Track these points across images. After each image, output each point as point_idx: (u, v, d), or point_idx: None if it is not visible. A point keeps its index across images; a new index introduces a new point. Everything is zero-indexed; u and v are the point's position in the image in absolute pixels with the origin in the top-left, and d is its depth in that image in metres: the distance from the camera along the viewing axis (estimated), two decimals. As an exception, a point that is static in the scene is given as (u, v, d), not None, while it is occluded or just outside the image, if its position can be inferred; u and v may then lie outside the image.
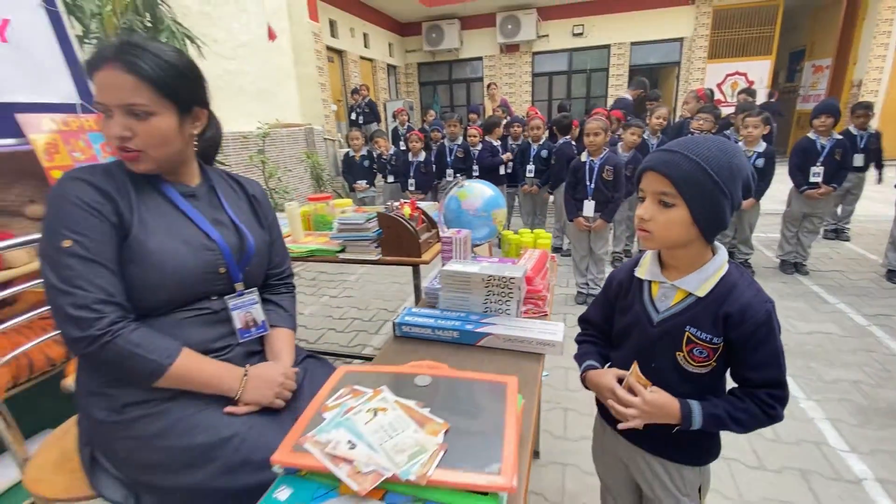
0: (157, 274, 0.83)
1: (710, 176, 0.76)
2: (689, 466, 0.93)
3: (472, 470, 0.56)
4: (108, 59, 0.79)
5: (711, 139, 0.81)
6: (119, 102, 0.80)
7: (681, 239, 0.81)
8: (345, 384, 0.74)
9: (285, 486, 0.59)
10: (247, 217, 1.04)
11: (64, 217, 0.79)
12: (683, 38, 9.49)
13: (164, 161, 0.88)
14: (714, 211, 0.78)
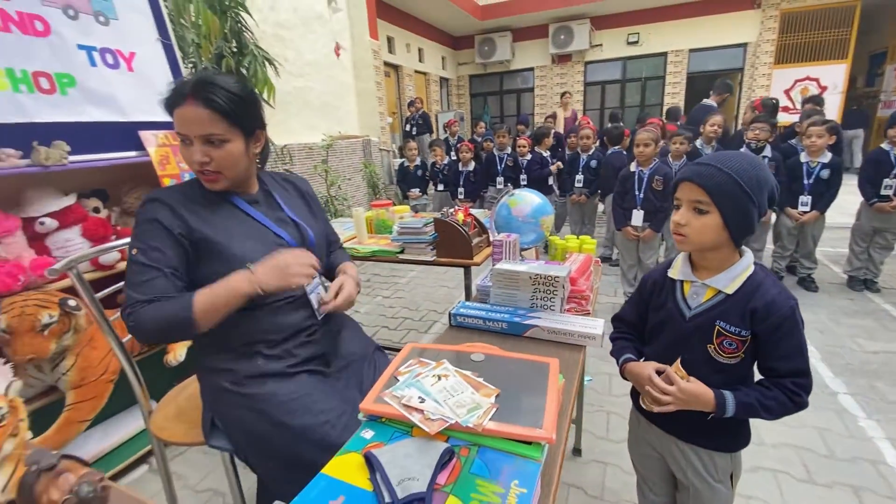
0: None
1: (740, 186, 0.86)
2: (720, 453, 1.00)
3: (519, 424, 0.69)
4: (186, 95, 0.93)
5: (740, 154, 0.91)
6: (199, 133, 0.94)
7: (713, 242, 0.90)
8: (412, 357, 0.90)
9: (369, 429, 0.74)
10: (303, 212, 1.19)
11: (138, 230, 0.96)
12: (747, 43, 9.10)
13: (235, 178, 1.03)
14: (744, 217, 0.88)
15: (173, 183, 1.95)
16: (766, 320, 0.89)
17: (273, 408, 0.97)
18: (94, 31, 1.79)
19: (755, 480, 1.68)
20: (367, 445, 0.70)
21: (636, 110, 10.02)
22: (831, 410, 2.04)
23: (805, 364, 0.90)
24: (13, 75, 1.56)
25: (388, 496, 0.60)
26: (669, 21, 9.47)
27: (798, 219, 3.24)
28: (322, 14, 5.67)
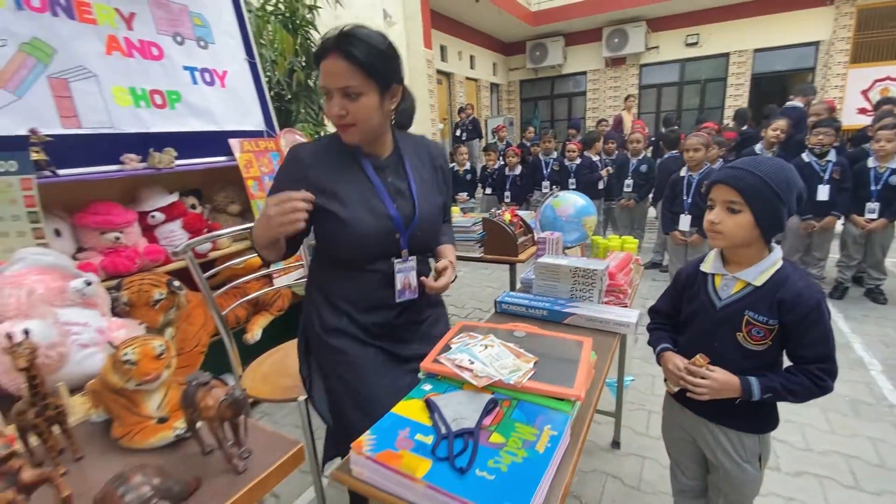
0: (346, 236, 1.04)
1: (770, 188, 0.94)
2: (748, 434, 1.07)
3: (552, 384, 0.82)
4: (329, 49, 0.95)
5: (769, 158, 0.99)
6: (338, 85, 0.96)
7: (745, 239, 0.99)
8: (463, 332, 1.05)
9: (428, 383, 0.90)
10: (428, 185, 1.17)
11: (277, 175, 1.10)
12: (819, 41, 8.56)
13: (370, 133, 1.04)
14: (774, 216, 0.96)
15: (255, 185, 2.23)
16: (793, 311, 0.96)
17: (339, 363, 1.12)
18: (196, 54, 2.10)
19: (799, 484, 1.68)
20: (426, 395, 0.86)
21: (694, 113, 9.67)
22: (888, 423, 1.97)
23: (830, 351, 0.97)
24: (135, 93, 1.88)
25: (445, 429, 0.75)
26: (732, 20, 9.10)
27: (865, 226, 3.09)
28: (380, 26, 6.00)
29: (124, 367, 0.76)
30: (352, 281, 1.12)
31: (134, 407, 0.80)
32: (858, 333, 2.78)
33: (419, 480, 0.66)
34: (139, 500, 0.60)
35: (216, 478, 0.72)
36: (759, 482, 1.11)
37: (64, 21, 1.68)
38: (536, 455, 0.70)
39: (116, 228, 1.81)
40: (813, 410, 2.08)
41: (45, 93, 1.62)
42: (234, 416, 0.69)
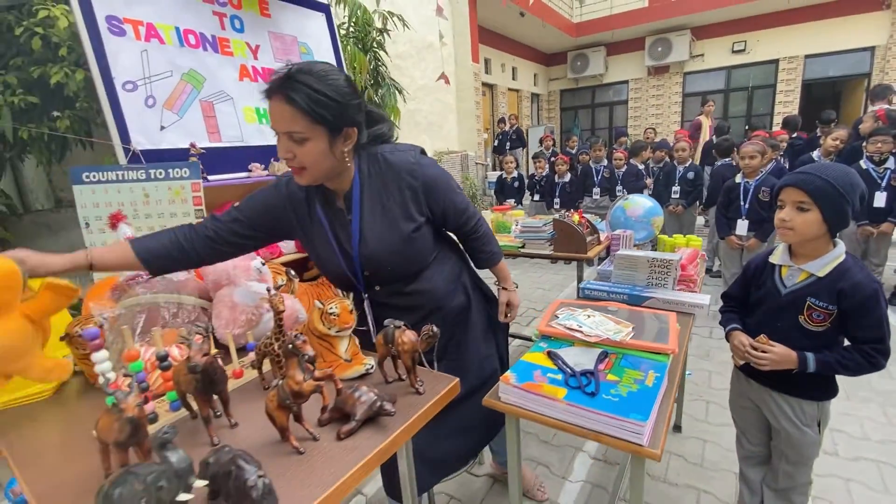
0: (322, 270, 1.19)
1: (837, 189, 1.12)
2: (808, 401, 1.24)
3: (650, 342, 1.04)
4: (273, 91, 0.93)
5: (834, 164, 1.18)
6: (282, 129, 0.95)
7: (813, 234, 1.17)
8: (563, 307, 1.28)
9: (543, 342, 1.14)
10: (391, 213, 1.10)
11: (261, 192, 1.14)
12: (875, 46, 8.31)
13: (322, 175, 1.02)
14: (841, 213, 1.13)
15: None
16: (852, 298, 1.12)
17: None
18: (302, 78, 2.45)
19: (857, 468, 1.79)
20: (545, 350, 1.10)
21: (741, 121, 9.55)
22: (938, 425, 2.04)
23: (883, 334, 1.12)
24: (259, 112, 2.23)
25: (570, 371, 0.99)
26: (781, 27, 8.97)
27: (926, 233, 3.11)
28: (432, 43, 6.36)
29: (330, 317, 1.04)
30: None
31: (332, 348, 1.07)
32: (919, 338, 2.80)
33: (561, 400, 0.89)
34: (370, 400, 0.86)
35: (402, 398, 0.98)
36: (818, 444, 1.27)
37: (211, 54, 2.04)
38: (646, 388, 0.92)
39: (243, 225, 2.15)
40: (871, 405, 2.17)
41: (198, 114, 1.99)
42: (426, 347, 0.95)
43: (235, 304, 1.24)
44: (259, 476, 0.63)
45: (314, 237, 1.13)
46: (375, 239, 1.10)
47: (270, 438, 0.83)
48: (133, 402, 0.68)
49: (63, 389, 1.13)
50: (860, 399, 2.22)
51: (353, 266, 1.13)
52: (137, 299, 1.17)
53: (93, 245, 1.70)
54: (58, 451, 0.86)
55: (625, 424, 0.82)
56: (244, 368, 1.12)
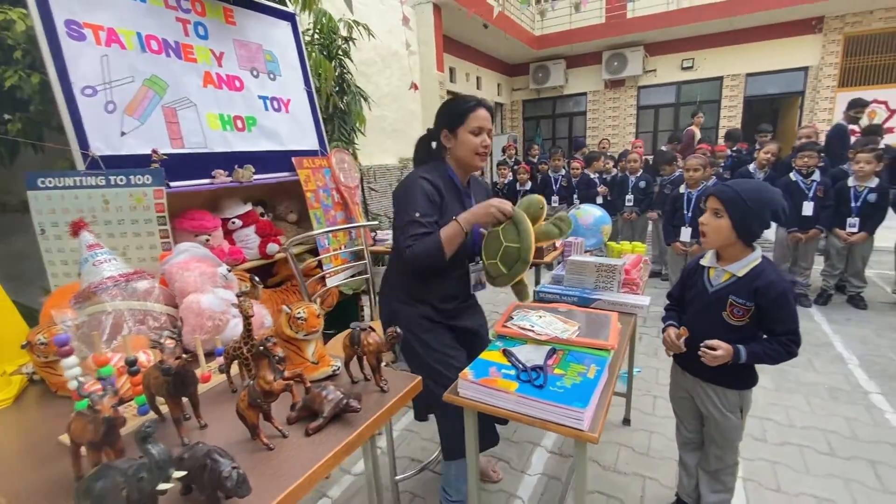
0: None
1: (745, 202, 1.28)
2: (731, 390, 1.39)
3: (594, 339, 1.16)
4: (480, 104, 1.46)
5: (753, 182, 1.34)
6: (488, 128, 1.47)
7: (724, 238, 1.33)
8: (518, 309, 1.38)
9: (499, 341, 1.23)
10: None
11: (415, 199, 1.38)
12: (808, 66, 9.07)
13: None
14: (747, 223, 1.29)
15: (313, 196, 2.58)
16: (766, 295, 1.29)
17: (430, 339, 1.47)
18: (267, 85, 2.47)
19: (783, 452, 2.00)
20: (501, 348, 1.19)
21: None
22: (861, 405, 2.30)
23: (796, 326, 1.29)
24: (223, 118, 2.24)
25: (522, 365, 1.08)
26: (726, 46, 9.61)
27: (846, 239, 3.45)
28: (398, 51, 6.44)
29: (297, 321, 1.09)
30: (432, 281, 1.49)
31: (300, 352, 1.13)
32: (840, 334, 3.11)
33: (513, 393, 0.99)
34: (336, 398, 0.92)
35: (367, 396, 1.05)
36: (740, 429, 1.43)
37: (174, 60, 2.04)
38: (588, 380, 1.03)
39: (207, 231, 2.14)
40: (796, 396, 2.40)
41: (160, 120, 1.98)
42: (389, 348, 1.02)
43: (202, 311, 1.27)
44: (233, 467, 0.68)
45: (450, 213, 1.42)
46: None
47: (240, 437, 0.87)
48: (108, 403, 0.72)
49: (23, 398, 1.12)
50: (787, 390, 2.46)
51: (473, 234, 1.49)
52: (102, 307, 1.18)
53: (48, 251, 1.66)
54: (24, 456, 0.88)
55: (567, 412, 0.92)
56: (212, 373, 1.16)
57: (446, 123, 1.49)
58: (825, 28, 8.73)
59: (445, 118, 1.50)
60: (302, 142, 2.65)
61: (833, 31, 8.68)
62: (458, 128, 1.46)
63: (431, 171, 1.48)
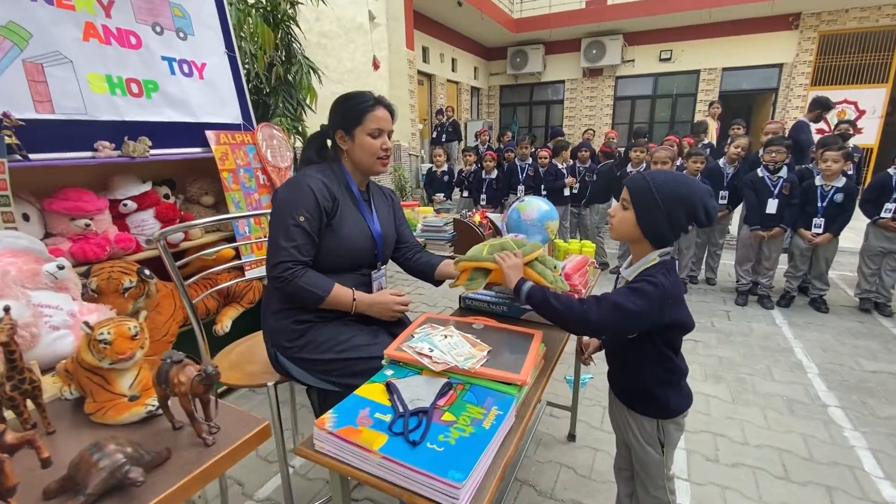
0: (341, 248, 1.28)
1: (654, 195, 1.04)
2: (647, 418, 1.16)
3: (502, 370, 0.91)
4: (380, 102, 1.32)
5: (672, 173, 1.10)
6: (389, 129, 1.33)
7: (629, 235, 1.10)
8: (427, 323, 1.12)
9: (390, 369, 0.97)
10: (387, 214, 1.49)
11: (304, 200, 1.22)
12: (783, 63, 9.04)
13: None
14: (651, 219, 1.05)
15: (230, 177, 2.25)
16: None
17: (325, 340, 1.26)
18: (175, 45, 2.11)
19: (735, 475, 1.82)
20: (387, 379, 0.93)
21: (665, 126, 10.06)
22: (819, 420, 2.15)
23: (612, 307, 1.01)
24: (111, 81, 1.88)
25: (402, 408, 0.83)
26: (704, 39, 9.50)
27: (811, 240, 3.32)
28: (362, 24, 6.03)
29: (99, 346, 0.81)
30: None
31: (107, 385, 0.84)
32: (800, 339, 2.99)
33: (375, 452, 0.73)
34: (112, 465, 0.65)
35: (186, 450, 0.77)
36: (661, 466, 1.19)
37: (42, 6, 1.67)
38: (482, 431, 0.78)
39: (87, 215, 1.81)
40: (752, 409, 2.25)
41: (20, 77, 1.61)
42: (205, 391, 0.74)
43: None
44: None
45: (347, 219, 1.31)
46: (387, 226, 1.46)
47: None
48: None
49: None
50: (743, 402, 2.30)
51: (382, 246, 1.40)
52: None
53: None
54: None
55: (439, 485, 0.67)
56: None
57: (341, 123, 1.34)
58: (801, 25, 8.69)
59: (339, 117, 1.34)
60: (219, 113, 2.30)
61: (809, 29, 8.65)
62: (354, 128, 1.31)
63: (325, 172, 1.33)
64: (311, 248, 1.24)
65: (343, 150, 1.36)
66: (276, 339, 1.30)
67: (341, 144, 1.35)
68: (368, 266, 1.40)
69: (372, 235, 1.36)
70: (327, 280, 1.24)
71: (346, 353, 1.24)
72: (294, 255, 1.20)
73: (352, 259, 1.34)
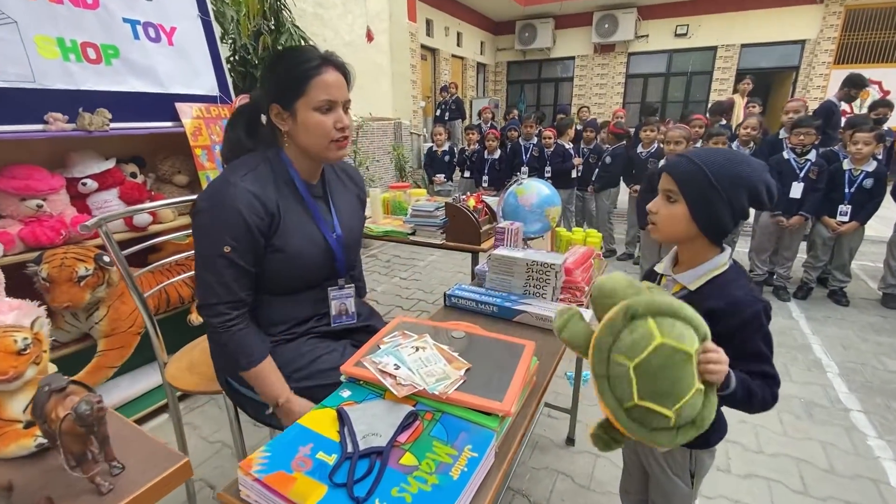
0: (289, 268, 1.02)
1: (708, 178, 0.85)
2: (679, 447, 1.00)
3: (480, 396, 0.74)
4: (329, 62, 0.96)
5: (724, 150, 0.90)
6: (344, 98, 0.99)
7: (681, 233, 0.90)
8: (399, 329, 0.95)
9: (347, 389, 0.81)
10: (352, 207, 1.18)
11: (229, 225, 0.92)
12: (805, 40, 8.57)
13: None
14: (710, 210, 0.86)
15: (204, 154, 2.07)
16: (725, 321, 0.84)
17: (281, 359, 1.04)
18: (138, 5, 1.89)
19: (747, 486, 1.67)
20: (342, 403, 0.76)
21: (679, 106, 9.66)
22: (840, 426, 1.98)
23: (770, 367, 0.87)
24: (63, 45, 1.68)
25: (351, 447, 0.66)
26: (723, 13, 9.02)
27: (836, 229, 3.10)
28: (362, -6, 5.71)
29: (-28, 364, 0.64)
30: (283, 305, 1.07)
31: (-10, 410, 0.68)
32: (819, 335, 2.80)
33: (308, 512, 0.56)
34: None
35: (78, 497, 0.62)
36: (689, 498, 1.05)
37: (-26, -45, 1.47)
38: (449, 482, 0.61)
39: (39, 195, 1.64)
40: (768, 413, 2.07)
41: (-51, 37, 1.42)
42: (87, 432, 0.58)
43: None
44: None
45: (292, 229, 1.01)
46: (351, 227, 1.15)
47: None
48: None
49: None
50: (758, 405, 2.13)
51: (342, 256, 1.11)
52: None
53: None
54: None
55: (383, 568, 0.50)
56: None
57: (276, 94, 0.99)
58: (827, -1, 8.20)
59: (273, 86, 0.99)
60: (192, 84, 2.10)
61: (835, 3, 8.16)
62: (295, 101, 0.97)
63: (258, 172, 1.00)
64: (245, 280, 0.97)
65: (283, 132, 1.03)
66: (222, 362, 1.10)
67: (279, 124, 1.01)
68: (326, 281, 1.12)
69: (328, 245, 1.07)
70: (260, 349, 0.99)
71: (306, 380, 1.02)
72: (221, 297, 0.95)
73: (303, 279, 1.07)
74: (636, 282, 0.85)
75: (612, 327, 0.75)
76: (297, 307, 1.09)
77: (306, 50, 0.99)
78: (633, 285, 0.81)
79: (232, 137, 1.07)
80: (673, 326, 0.72)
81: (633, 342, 0.72)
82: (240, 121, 1.07)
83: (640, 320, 0.73)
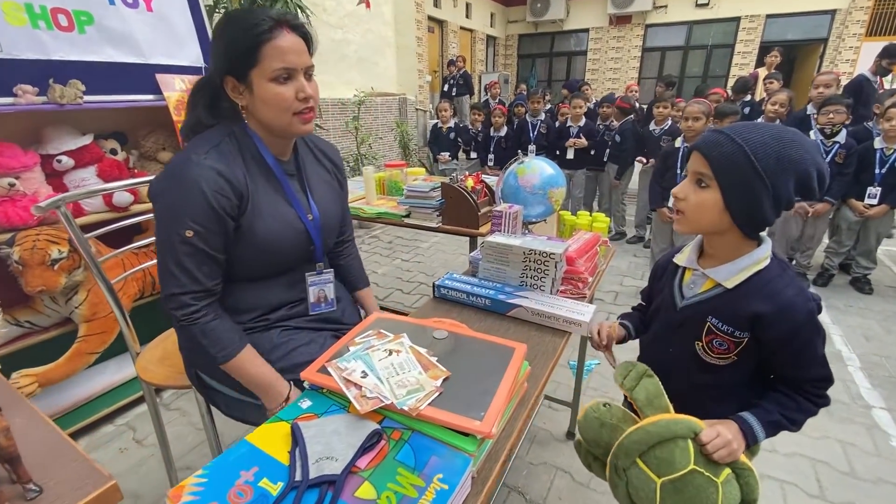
0: (259, 253, 0.93)
1: (750, 162, 0.72)
2: None
3: (457, 412, 0.63)
4: (282, 24, 0.84)
5: (771, 126, 0.76)
6: (304, 65, 0.87)
7: (712, 225, 0.78)
8: (374, 327, 0.85)
9: (307, 399, 0.71)
10: (328, 186, 1.09)
11: (191, 206, 0.83)
12: (836, 9, 8.07)
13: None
14: (748, 200, 0.74)
15: (188, 129, 1.95)
16: (775, 326, 0.77)
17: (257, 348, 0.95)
18: (113, -32, 1.76)
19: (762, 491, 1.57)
20: (300, 415, 0.67)
21: (696, 80, 9.25)
22: (861, 425, 1.86)
23: (827, 370, 0.81)
24: (32, 10, 1.55)
25: (300, 474, 0.56)
26: (748, -19, 8.53)
27: (863, 212, 2.91)
28: (365, -38, 5.44)
29: None
30: (252, 291, 0.98)
31: None
32: (839, 325, 2.66)
33: (237, 558, 0.47)
34: None
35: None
36: None
37: None
38: (411, 522, 0.51)
39: (11, 172, 1.55)
40: (783, 407, 1.96)
41: None
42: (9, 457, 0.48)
43: None
44: None
45: (264, 210, 0.93)
46: (328, 207, 1.06)
47: None
48: None
49: None
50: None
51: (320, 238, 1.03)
52: None
53: None
54: None
55: None
56: None
57: (227, 66, 0.87)
58: (863, -37, 7.68)
59: (223, 56, 0.87)
60: (175, 54, 1.97)
61: (871, -32, 7.64)
62: (248, 72, 0.86)
63: (222, 149, 0.89)
64: (210, 267, 0.88)
65: (242, 108, 0.92)
66: (193, 356, 1.01)
67: (237, 99, 0.90)
68: (302, 265, 1.03)
69: (304, 227, 0.98)
70: (234, 339, 0.89)
71: (283, 374, 0.94)
72: (185, 286, 0.85)
73: (276, 264, 0.98)
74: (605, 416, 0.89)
75: (613, 485, 0.84)
76: (269, 292, 1.00)
77: (255, 11, 0.85)
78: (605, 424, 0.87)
79: (191, 118, 0.95)
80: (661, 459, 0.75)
81: (636, 489, 0.78)
82: (200, 100, 0.94)
83: (630, 470, 0.79)
